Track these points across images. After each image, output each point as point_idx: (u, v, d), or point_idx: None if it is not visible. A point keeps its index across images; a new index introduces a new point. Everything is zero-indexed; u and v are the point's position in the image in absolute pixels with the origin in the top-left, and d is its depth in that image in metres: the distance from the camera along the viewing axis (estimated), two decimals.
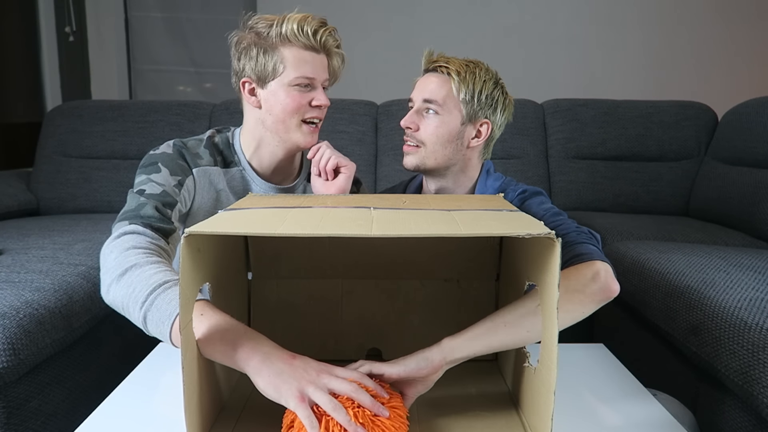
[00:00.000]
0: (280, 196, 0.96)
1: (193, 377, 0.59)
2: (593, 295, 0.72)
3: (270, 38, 0.94)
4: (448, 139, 1.01)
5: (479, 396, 0.76)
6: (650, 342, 1.25)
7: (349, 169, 1.01)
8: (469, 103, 1.00)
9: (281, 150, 1.02)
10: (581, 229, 0.85)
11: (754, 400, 0.83)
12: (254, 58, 0.96)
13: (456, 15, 2.83)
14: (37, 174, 2.10)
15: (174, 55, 3.01)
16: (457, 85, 0.99)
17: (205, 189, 0.98)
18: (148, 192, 0.88)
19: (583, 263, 0.75)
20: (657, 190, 2.07)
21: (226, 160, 1.02)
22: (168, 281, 0.70)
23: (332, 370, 0.61)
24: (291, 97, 0.96)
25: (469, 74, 0.99)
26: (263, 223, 0.60)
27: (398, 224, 0.59)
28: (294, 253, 0.85)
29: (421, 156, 1.01)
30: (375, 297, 0.86)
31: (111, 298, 0.74)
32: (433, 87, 1.00)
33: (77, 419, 0.70)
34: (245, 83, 0.98)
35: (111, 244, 0.79)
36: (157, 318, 0.67)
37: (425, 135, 1.00)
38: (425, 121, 1.01)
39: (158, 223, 0.84)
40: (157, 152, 0.95)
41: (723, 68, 2.79)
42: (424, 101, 1.00)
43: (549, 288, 0.58)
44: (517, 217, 0.65)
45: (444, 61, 1.01)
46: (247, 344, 0.61)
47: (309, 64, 0.95)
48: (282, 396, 0.58)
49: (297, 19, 0.94)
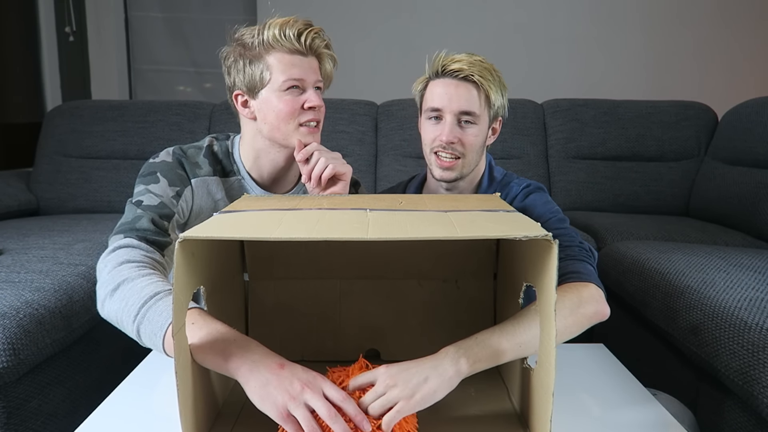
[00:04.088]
0: (276, 197, 0.95)
1: (187, 382, 0.59)
2: (590, 318, 0.76)
3: (254, 47, 0.93)
4: (482, 145, 1.02)
5: (479, 397, 0.76)
6: (650, 342, 1.25)
7: (347, 176, 0.97)
8: (494, 107, 1.01)
9: (281, 157, 1.00)
10: (583, 245, 0.88)
11: (754, 400, 0.83)
12: (242, 70, 0.94)
13: (456, 15, 2.82)
14: (37, 174, 2.10)
15: (174, 55, 3.01)
16: (486, 93, 0.98)
17: (203, 199, 0.97)
18: (146, 203, 0.87)
19: (582, 283, 0.78)
20: (657, 190, 2.06)
21: (225, 169, 1.01)
22: (159, 292, 0.70)
23: (318, 385, 0.59)
24: (283, 102, 0.93)
25: (493, 79, 0.99)
26: (259, 227, 0.60)
27: (394, 227, 0.59)
28: (290, 253, 0.85)
29: (460, 167, 1.00)
30: (373, 298, 0.86)
31: (106, 313, 0.75)
32: (470, 98, 0.98)
33: (77, 419, 0.70)
34: (237, 96, 0.97)
35: (105, 259, 0.79)
36: (150, 330, 0.67)
37: (467, 147, 0.99)
38: (464, 132, 0.99)
39: (153, 236, 0.83)
40: (156, 161, 0.94)
41: (723, 68, 2.78)
42: (461, 113, 0.98)
43: (547, 289, 0.58)
44: (513, 218, 0.65)
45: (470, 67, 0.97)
46: (236, 352, 0.61)
47: (296, 67, 0.93)
48: (266, 409, 0.58)
49: (278, 24, 0.92)
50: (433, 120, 1.01)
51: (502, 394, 0.77)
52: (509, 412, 0.72)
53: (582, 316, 0.74)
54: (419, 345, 0.69)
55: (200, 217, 0.97)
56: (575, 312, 0.74)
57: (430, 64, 1.02)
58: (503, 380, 0.81)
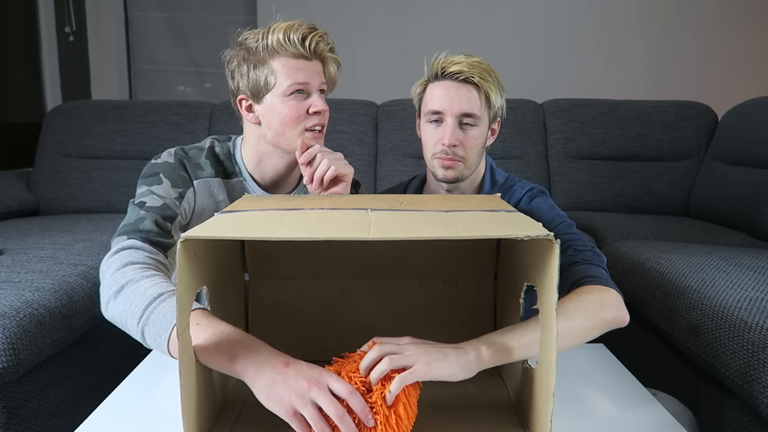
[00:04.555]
0: (277, 197, 0.94)
1: (191, 382, 0.59)
2: (610, 323, 0.75)
3: (259, 52, 0.92)
4: (482, 147, 1.02)
5: (479, 397, 0.76)
6: (650, 342, 1.25)
7: (348, 177, 0.97)
8: (493, 108, 1.01)
9: (284, 163, 1.00)
10: (596, 250, 0.88)
11: (754, 400, 0.83)
12: (246, 75, 0.94)
13: (456, 15, 2.82)
14: (37, 174, 2.10)
15: (174, 55, 3.01)
16: (487, 94, 0.98)
17: (206, 200, 0.97)
18: (149, 204, 0.87)
19: (604, 288, 0.78)
20: (657, 190, 2.07)
21: (227, 171, 1.00)
22: (163, 293, 0.70)
23: (325, 381, 0.59)
24: (288, 107, 0.93)
25: (492, 80, 0.99)
26: (260, 227, 0.60)
27: (396, 227, 0.59)
28: (291, 253, 0.85)
29: (461, 169, 1.00)
30: (373, 298, 0.86)
31: (110, 315, 0.75)
32: (471, 100, 0.98)
33: (77, 419, 0.70)
34: (242, 101, 0.97)
35: (109, 260, 0.78)
36: (155, 332, 0.67)
37: (468, 149, 0.99)
38: (466, 135, 0.99)
39: (157, 238, 0.83)
40: (159, 161, 0.94)
41: (723, 68, 2.78)
42: (462, 115, 0.98)
43: (548, 289, 0.58)
44: (515, 218, 0.65)
45: (470, 69, 0.97)
46: (242, 353, 0.61)
47: (301, 71, 0.93)
48: (273, 408, 0.58)
49: (282, 28, 0.91)
50: (433, 123, 1.00)
51: (502, 394, 0.77)
52: (509, 412, 0.72)
53: (602, 320, 0.74)
54: None
55: (202, 219, 0.96)
56: (597, 315, 0.73)
57: (429, 67, 1.01)
58: (503, 380, 0.81)
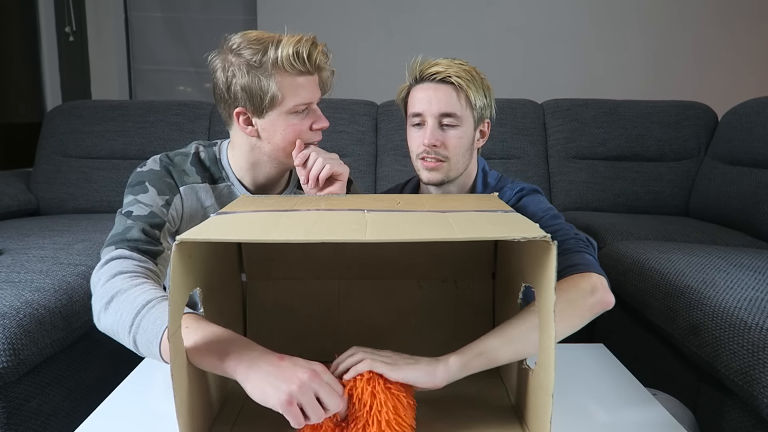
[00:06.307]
0: (273, 197, 0.93)
1: (183, 385, 0.59)
2: (592, 308, 0.75)
3: (265, 66, 0.89)
4: (468, 148, 1.01)
5: (478, 397, 0.76)
6: (650, 342, 1.25)
7: (344, 176, 0.96)
8: (478, 108, 1.00)
9: (277, 170, 1.00)
10: (579, 236, 0.87)
11: (754, 400, 0.83)
12: (247, 88, 0.90)
13: (456, 15, 2.82)
14: (37, 174, 2.10)
15: (174, 55, 3.01)
16: (467, 93, 0.98)
17: (193, 206, 0.96)
18: (136, 214, 0.86)
19: (580, 275, 0.77)
20: (657, 190, 2.06)
21: (214, 176, 1.00)
22: (151, 300, 0.70)
23: (323, 375, 0.60)
24: (291, 126, 0.93)
25: (473, 80, 0.99)
26: (256, 229, 0.60)
27: (392, 228, 0.59)
28: (289, 254, 0.85)
29: (446, 170, 1.00)
30: (371, 298, 0.86)
31: (102, 326, 0.75)
32: (449, 99, 0.97)
33: (77, 419, 0.70)
34: (239, 114, 0.93)
35: (99, 272, 0.78)
36: (146, 339, 0.67)
37: (450, 149, 0.99)
38: (447, 135, 0.98)
39: (145, 246, 0.83)
40: (144, 169, 0.93)
41: (723, 68, 2.78)
42: (442, 115, 0.98)
43: (545, 290, 0.58)
44: (512, 218, 0.65)
45: (447, 69, 0.97)
46: (233, 352, 0.61)
47: (306, 89, 0.92)
48: (269, 399, 0.57)
49: (292, 43, 0.89)
50: (416, 127, 1.01)
51: (501, 394, 0.77)
52: (509, 412, 0.72)
53: (582, 308, 0.73)
54: (418, 345, 0.69)
55: (192, 224, 0.95)
56: (574, 304, 0.73)
57: (409, 72, 1.02)
58: (503, 380, 0.81)
